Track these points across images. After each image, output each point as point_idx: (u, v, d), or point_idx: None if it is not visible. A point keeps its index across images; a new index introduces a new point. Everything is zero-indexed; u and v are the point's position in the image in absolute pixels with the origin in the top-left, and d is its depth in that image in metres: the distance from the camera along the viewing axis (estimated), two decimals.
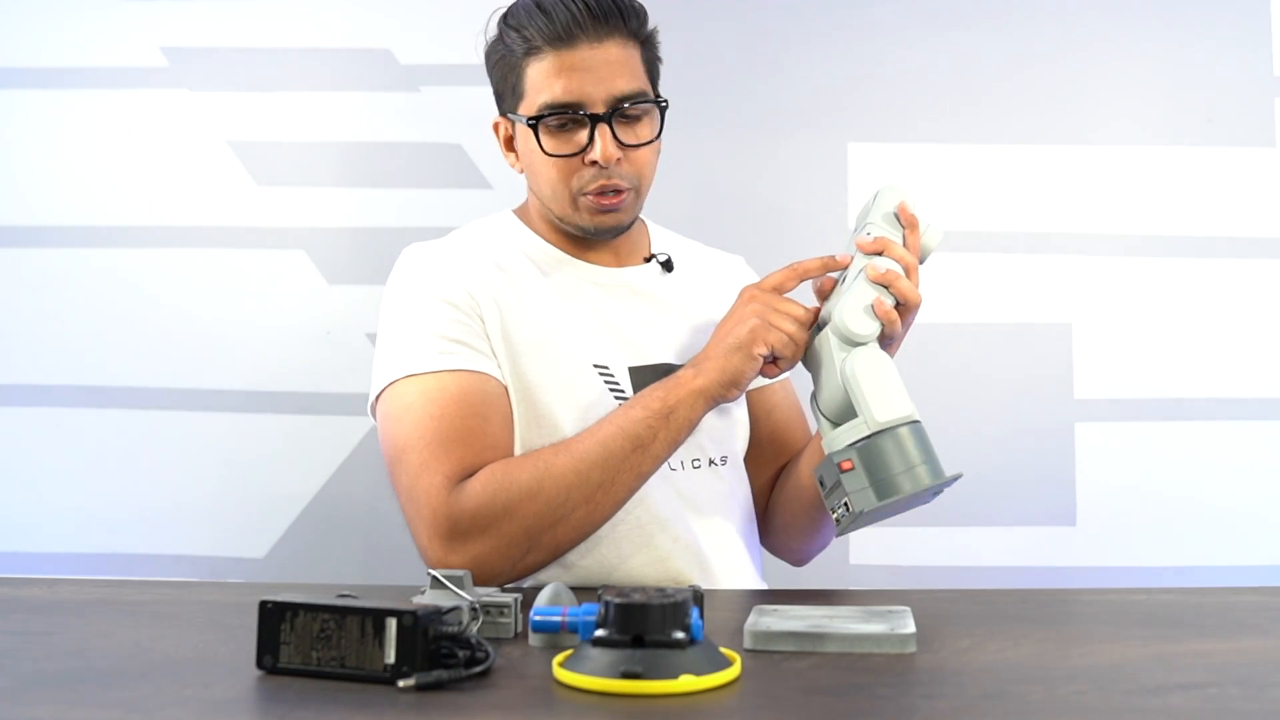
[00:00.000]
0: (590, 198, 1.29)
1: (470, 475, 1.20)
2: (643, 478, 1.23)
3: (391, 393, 1.24)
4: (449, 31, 1.86)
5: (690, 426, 1.23)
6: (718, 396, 1.22)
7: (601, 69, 1.25)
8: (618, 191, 1.28)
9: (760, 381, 1.40)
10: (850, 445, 1.11)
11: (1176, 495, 1.80)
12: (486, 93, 1.83)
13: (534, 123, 1.27)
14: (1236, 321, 1.82)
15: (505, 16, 1.30)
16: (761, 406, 1.43)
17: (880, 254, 1.17)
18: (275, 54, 1.86)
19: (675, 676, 0.79)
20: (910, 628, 0.93)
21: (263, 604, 0.84)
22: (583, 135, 1.26)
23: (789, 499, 1.40)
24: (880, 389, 1.11)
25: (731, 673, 0.82)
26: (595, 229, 1.32)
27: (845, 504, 1.11)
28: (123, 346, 1.83)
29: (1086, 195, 1.83)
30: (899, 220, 1.19)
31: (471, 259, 1.31)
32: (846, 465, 1.11)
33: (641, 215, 1.42)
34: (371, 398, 1.27)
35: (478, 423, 1.21)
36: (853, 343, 1.15)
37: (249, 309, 1.83)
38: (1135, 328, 1.82)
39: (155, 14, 1.85)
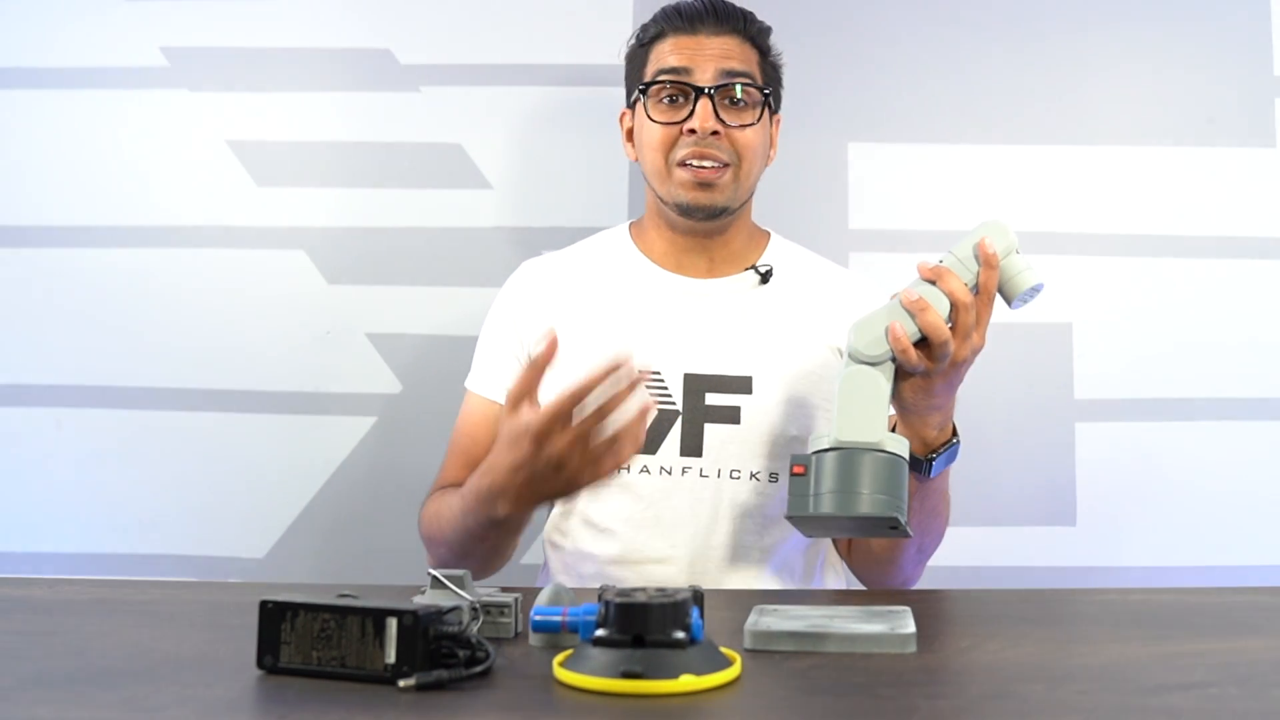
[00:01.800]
0: (686, 170, 1.37)
1: (448, 484, 1.41)
2: (492, 546, 1.28)
3: (466, 394, 1.50)
4: (449, 31, 1.86)
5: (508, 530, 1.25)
6: (519, 514, 1.22)
7: (714, 48, 1.38)
8: (714, 165, 1.37)
9: None
10: (813, 452, 1.12)
11: (1176, 495, 1.80)
12: (486, 93, 1.85)
13: (645, 88, 1.39)
14: (1236, 321, 1.82)
15: (647, 22, 1.45)
16: None
17: (933, 282, 1.15)
18: (275, 54, 1.86)
19: (675, 676, 0.79)
20: (910, 628, 0.93)
21: (263, 604, 0.84)
22: (687, 108, 1.37)
23: (858, 548, 1.43)
24: (854, 409, 1.11)
25: (731, 673, 0.82)
26: (689, 203, 1.39)
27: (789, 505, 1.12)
28: (123, 346, 1.83)
29: (1086, 195, 1.83)
30: (978, 259, 1.16)
31: (552, 281, 1.47)
32: (797, 470, 1.12)
33: (769, 229, 1.51)
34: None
35: (468, 443, 1.44)
36: (854, 359, 1.15)
37: (249, 309, 1.83)
38: (1135, 328, 1.82)
39: (155, 14, 1.85)
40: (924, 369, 1.16)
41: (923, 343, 1.15)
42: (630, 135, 1.48)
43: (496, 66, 1.85)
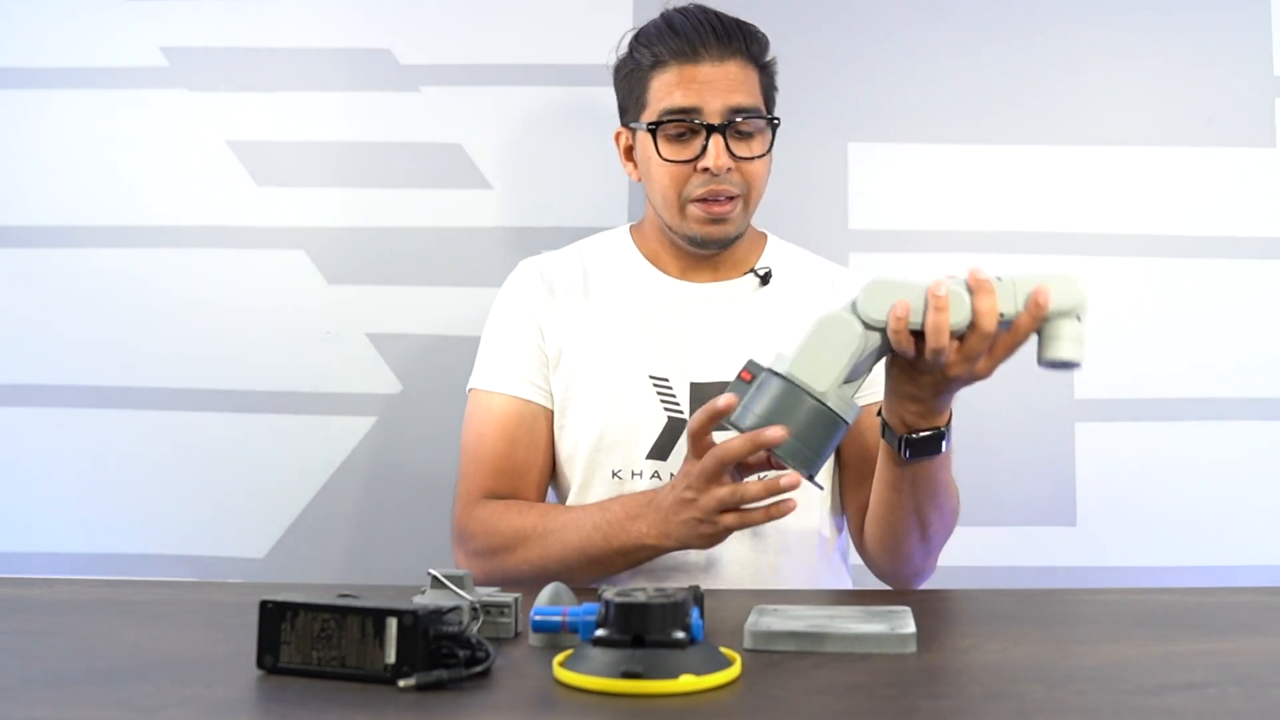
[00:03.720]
0: (699, 205, 1.37)
1: (486, 493, 1.39)
2: (599, 579, 1.31)
3: (470, 397, 1.45)
4: (449, 31, 1.86)
5: (646, 561, 1.28)
6: (668, 549, 1.25)
7: (720, 83, 1.35)
8: (728, 198, 1.36)
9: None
10: (767, 366, 1.09)
11: (1176, 495, 1.80)
12: (486, 93, 1.85)
13: (654, 127, 1.36)
14: (1236, 321, 1.82)
15: (637, 35, 1.42)
16: (853, 428, 1.42)
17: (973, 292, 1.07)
18: (275, 54, 1.86)
19: (675, 676, 0.79)
20: (910, 628, 0.93)
21: (263, 604, 0.84)
22: (698, 144, 1.36)
23: (873, 518, 1.36)
24: (819, 351, 1.07)
25: (731, 673, 0.82)
26: (702, 238, 1.39)
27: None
28: (123, 346, 1.83)
29: (1086, 195, 1.83)
30: (1027, 303, 1.06)
31: (560, 279, 1.46)
32: (745, 375, 1.10)
33: (765, 230, 1.52)
34: (468, 387, 1.47)
35: (505, 446, 1.40)
36: (852, 310, 1.08)
37: (249, 309, 1.83)
38: (1135, 328, 1.82)
39: (155, 14, 1.85)
40: (910, 356, 1.09)
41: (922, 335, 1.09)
42: (629, 154, 1.46)
43: (496, 66, 1.85)
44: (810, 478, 1.09)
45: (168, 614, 1.10)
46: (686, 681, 0.79)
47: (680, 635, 0.80)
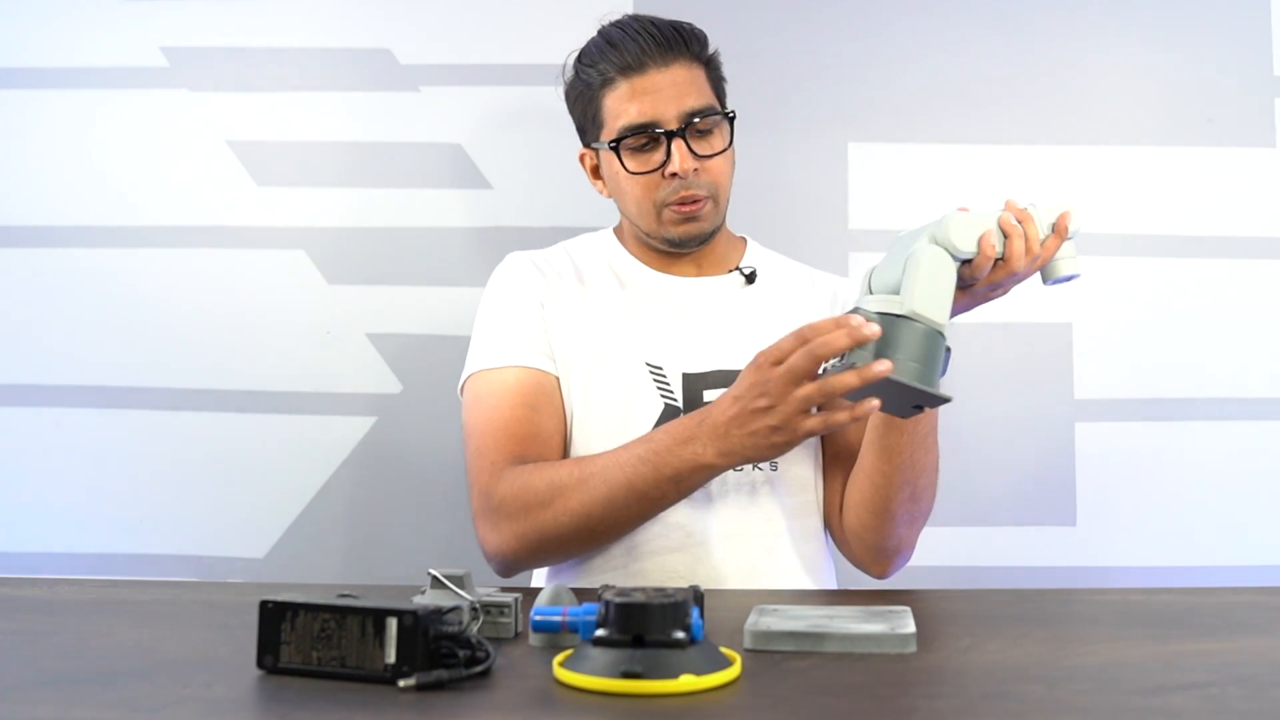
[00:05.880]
0: (673, 209, 1.40)
1: (512, 460, 1.32)
2: (646, 518, 1.30)
3: (470, 384, 1.41)
4: (449, 31, 1.86)
5: (699, 486, 1.27)
6: (725, 468, 1.23)
7: (670, 90, 1.37)
8: (696, 200, 1.39)
9: None
10: (879, 313, 1.12)
11: (1176, 495, 1.80)
12: (486, 93, 1.85)
13: (615, 145, 1.38)
14: (1236, 321, 1.82)
15: (580, 57, 1.44)
16: None
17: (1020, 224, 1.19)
18: (275, 54, 1.86)
19: (675, 676, 0.79)
20: (910, 628, 0.93)
21: (263, 604, 0.84)
22: (660, 152, 1.38)
23: (862, 472, 1.36)
24: (931, 285, 1.13)
25: (731, 673, 0.82)
26: (680, 238, 1.42)
27: (843, 356, 1.12)
28: (123, 346, 1.83)
29: (1087, 195, 1.83)
30: (1053, 226, 1.20)
31: (552, 268, 1.47)
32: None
33: (744, 235, 1.54)
34: (459, 384, 1.43)
35: (526, 412, 1.36)
36: (939, 243, 1.16)
37: (249, 309, 1.83)
38: (1135, 328, 1.82)
39: (155, 14, 1.86)
40: (978, 278, 1.19)
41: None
42: (595, 173, 1.48)
43: (496, 66, 1.85)
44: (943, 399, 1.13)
45: (168, 614, 1.10)
46: (686, 681, 0.79)
47: (680, 635, 0.80)
